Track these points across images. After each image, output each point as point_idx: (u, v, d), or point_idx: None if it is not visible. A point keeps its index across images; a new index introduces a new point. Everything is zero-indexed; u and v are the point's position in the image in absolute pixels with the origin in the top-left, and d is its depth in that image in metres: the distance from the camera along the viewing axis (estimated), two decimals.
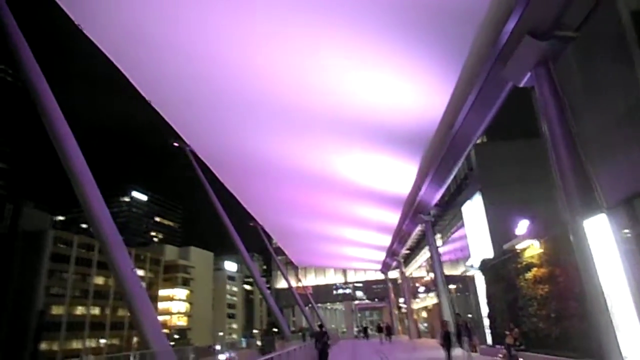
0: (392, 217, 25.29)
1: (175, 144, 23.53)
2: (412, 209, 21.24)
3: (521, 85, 8.84)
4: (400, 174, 18.41)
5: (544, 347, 10.34)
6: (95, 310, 76.13)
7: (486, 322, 17.37)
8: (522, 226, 11.39)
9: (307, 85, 14.26)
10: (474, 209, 18.07)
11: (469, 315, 19.75)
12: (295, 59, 12.80)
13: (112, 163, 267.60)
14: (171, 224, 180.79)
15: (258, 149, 20.80)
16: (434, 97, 12.41)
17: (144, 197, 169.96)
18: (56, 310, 68.69)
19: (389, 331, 30.65)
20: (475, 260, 17.69)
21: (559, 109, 7.91)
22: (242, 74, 15.12)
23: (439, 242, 23.97)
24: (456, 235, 22.17)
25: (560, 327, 9.58)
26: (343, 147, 17.92)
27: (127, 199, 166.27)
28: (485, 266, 15.08)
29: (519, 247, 11.70)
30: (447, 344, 13.39)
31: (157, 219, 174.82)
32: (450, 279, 21.79)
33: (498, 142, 16.60)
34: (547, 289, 10.18)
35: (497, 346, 13.08)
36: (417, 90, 12.53)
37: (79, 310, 72.99)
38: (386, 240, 32.29)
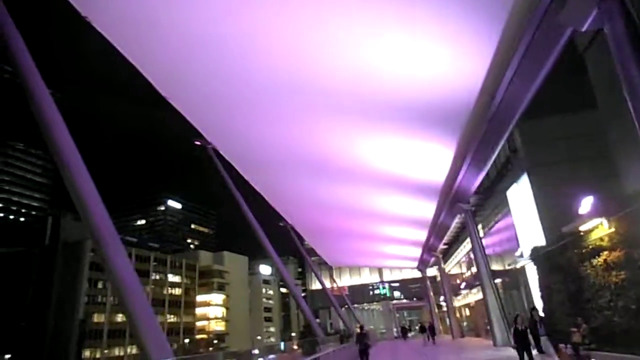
0: (428, 209, 23.68)
1: (197, 143, 22.74)
2: (450, 197, 19.61)
3: (584, 28, 7.27)
4: (435, 159, 16.88)
5: (620, 344, 8.66)
6: None
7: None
8: (586, 204, 9.71)
9: (329, 64, 13.06)
10: (520, 193, 16.32)
11: (516, 313, 17.97)
12: (313, 34, 11.65)
13: (147, 173, 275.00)
14: (206, 230, 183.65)
15: (282, 142, 19.72)
16: (472, 61, 10.91)
17: (178, 206, 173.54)
18: (97, 318, 70.08)
19: (432, 331, 28.69)
20: (525, 249, 15.93)
21: (638, 49, 6.36)
22: (262, 64, 14.12)
23: (480, 234, 22.15)
24: (500, 224, 20.36)
25: None
26: (372, 132, 16.56)
27: (162, 208, 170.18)
28: (537, 255, 13.37)
29: (582, 228, 10.02)
30: (523, 346, 10.79)
31: (193, 226, 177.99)
32: (495, 273, 20.01)
33: (543, 117, 14.84)
34: (623, 275, 8.52)
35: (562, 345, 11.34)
36: (451, 54, 11.05)
37: (120, 317, 74.23)
38: (422, 235, 30.58)
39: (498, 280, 20.46)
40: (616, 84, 12.31)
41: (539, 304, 15.17)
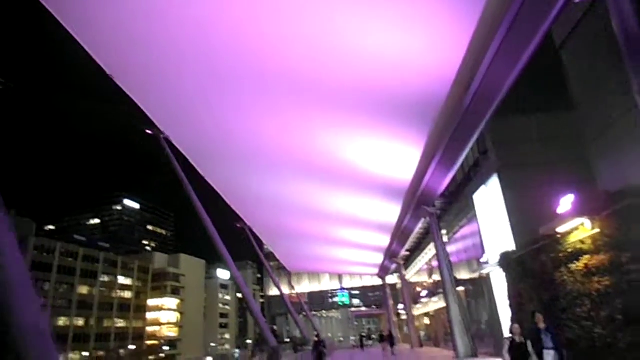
0: (392, 212, 22.75)
1: (149, 132, 20.83)
2: (415, 199, 18.69)
3: None
4: (402, 157, 15.89)
5: (603, 358, 7.77)
6: (79, 322, 72.63)
7: (506, 327, 14.80)
8: (566, 203, 8.85)
9: (288, 47, 11.80)
10: (488, 197, 15.57)
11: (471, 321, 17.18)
12: (272, 16, 10.39)
13: (104, 171, 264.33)
14: (163, 232, 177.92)
15: (238, 134, 18.24)
16: (447, 47, 9.94)
17: (136, 205, 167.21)
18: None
19: (391, 340, 27.35)
20: (491, 255, 15.15)
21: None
22: (221, 48, 12.77)
23: (444, 239, 21.38)
24: (465, 230, 19.63)
25: (631, 332, 7.02)
26: (335, 126, 15.39)
27: (119, 207, 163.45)
28: (507, 260, 12.51)
29: (560, 230, 9.14)
30: None
31: (150, 227, 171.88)
32: (459, 281, 19.23)
33: (515, 117, 14.17)
34: (607, 281, 7.63)
35: None
36: (423, 39, 10.05)
37: (61, 321, 69.48)
38: (384, 240, 29.69)
39: (461, 289, 19.71)
40: (594, 80, 11.78)
41: (506, 313, 14.35)
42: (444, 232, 22.08)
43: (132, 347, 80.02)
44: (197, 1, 9.62)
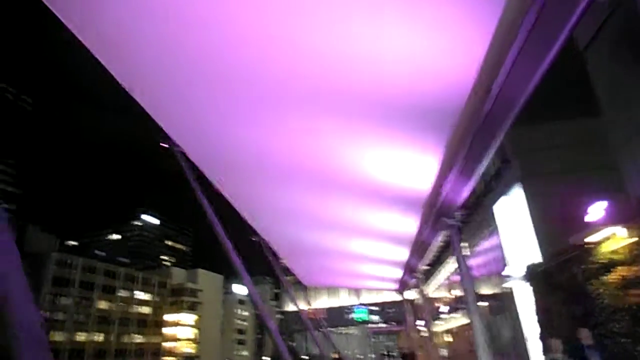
0: (410, 225, 22.18)
1: (164, 145, 20.82)
2: (434, 211, 18.11)
3: None
4: (419, 166, 15.47)
5: None
6: (100, 337, 72.94)
7: (532, 344, 14.05)
8: (595, 211, 8.30)
9: (302, 52, 11.62)
10: (510, 207, 14.97)
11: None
12: (288, 26, 10.24)
13: (124, 187, 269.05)
14: (182, 247, 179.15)
15: (254, 147, 18.11)
16: (466, 49, 9.63)
17: (155, 221, 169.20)
18: (57, 337, 65.69)
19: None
20: (514, 269, 14.48)
21: None
22: (236, 58, 12.69)
23: (466, 252, 20.70)
24: (486, 243, 18.94)
25: None
26: (350, 135, 15.15)
27: (138, 223, 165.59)
28: (533, 273, 11.90)
29: (590, 239, 8.58)
30: None
31: (169, 242, 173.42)
32: (480, 297, 18.51)
33: (540, 123, 13.66)
34: None
35: None
36: (441, 43, 9.76)
37: (81, 337, 69.85)
38: (403, 254, 28.96)
39: (483, 304, 18.95)
40: (620, 83, 11.24)
41: (531, 330, 13.64)
42: (464, 244, 21.41)
43: None
44: (205, 6, 9.55)
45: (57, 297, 66.99)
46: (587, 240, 8.76)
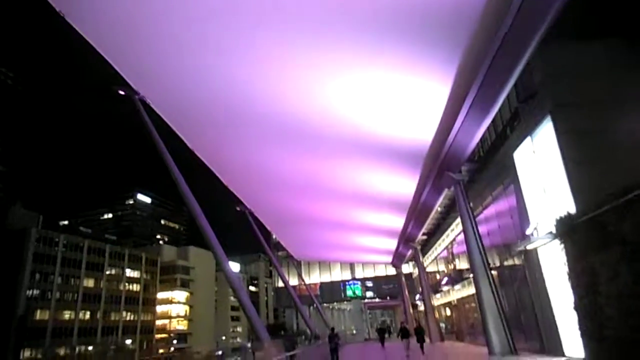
0: (408, 184, 19.40)
1: (121, 92, 17.70)
2: (437, 164, 15.35)
3: None
4: (422, 104, 12.58)
5: None
6: (85, 315, 70.82)
7: (562, 318, 11.48)
8: None
9: None
10: (536, 151, 12.16)
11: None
12: None
13: (117, 165, 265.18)
14: (176, 226, 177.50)
15: (230, 94, 15.17)
16: None
17: (148, 200, 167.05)
18: (41, 315, 63.44)
19: (420, 336, 20.73)
20: (540, 226, 11.79)
21: None
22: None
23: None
24: (499, 202, 16.21)
25: None
26: (340, 66, 12.16)
27: (131, 202, 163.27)
28: (569, 227, 9.17)
29: None
30: None
31: (162, 221, 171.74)
32: (494, 263, 15.94)
33: (576, 42, 10.76)
34: None
35: None
36: None
37: (67, 314, 67.67)
38: (399, 222, 26.34)
39: (495, 272, 16.34)
40: None
41: (561, 299, 11.03)
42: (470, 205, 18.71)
43: (128, 341, 77.41)
44: None
45: (41, 275, 64.47)
46: None
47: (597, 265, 8.20)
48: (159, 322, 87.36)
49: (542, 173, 11.88)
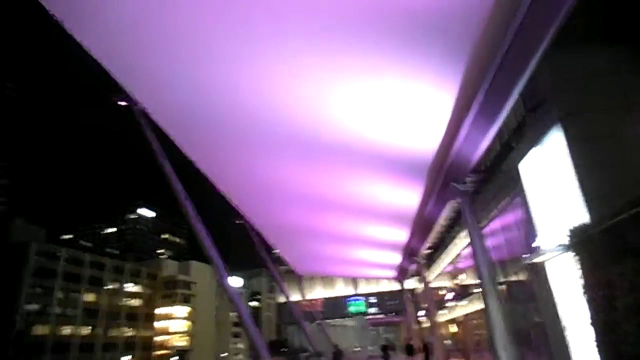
0: (412, 197, 18.97)
1: (121, 102, 17.46)
2: (442, 175, 14.95)
3: None
4: (427, 114, 12.26)
5: None
6: (87, 331, 69.93)
7: (573, 335, 10.95)
8: None
9: None
10: (543, 160, 11.81)
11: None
12: None
13: (120, 179, 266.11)
14: (178, 240, 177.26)
15: (231, 102, 14.93)
16: None
17: (150, 214, 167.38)
18: (41, 330, 62.62)
19: (426, 353, 20.14)
20: (548, 238, 11.36)
21: None
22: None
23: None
24: (506, 214, 15.79)
25: None
26: (344, 76, 11.90)
27: (134, 216, 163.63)
28: (583, 237, 8.76)
29: None
30: None
31: (165, 235, 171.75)
32: (500, 279, 15.43)
33: (588, 46, 10.48)
34: None
35: None
36: None
37: (68, 330, 66.78)
38: (403, 235, 25.82)
39: (501, 288, 15.83)
40: None
41: (571, 313, 10.55)
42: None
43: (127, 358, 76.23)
44: None
45: (42, 289, 63.91)
46: None
47: (614, 278, 7.76)
48: (159, 338, 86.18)
49: (551, 183, 11.50)
